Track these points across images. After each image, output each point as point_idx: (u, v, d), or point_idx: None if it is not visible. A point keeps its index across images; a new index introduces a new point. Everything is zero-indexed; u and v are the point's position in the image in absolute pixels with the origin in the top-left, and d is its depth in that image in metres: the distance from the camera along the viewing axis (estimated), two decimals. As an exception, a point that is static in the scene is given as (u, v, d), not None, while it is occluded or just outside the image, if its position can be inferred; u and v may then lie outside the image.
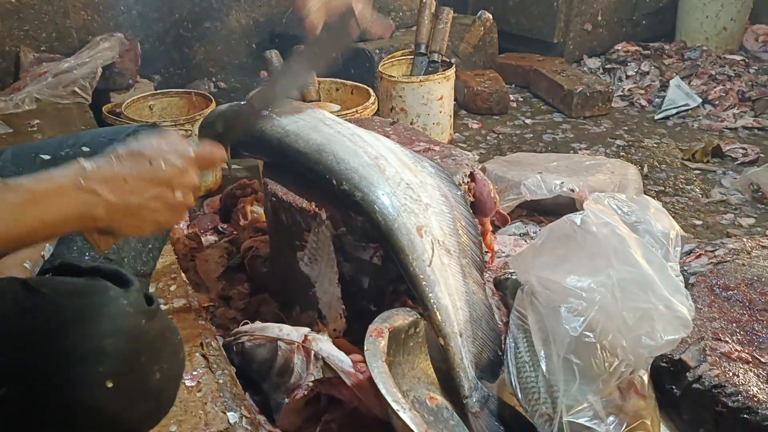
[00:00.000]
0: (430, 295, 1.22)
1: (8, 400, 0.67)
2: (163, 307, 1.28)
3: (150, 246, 1.70)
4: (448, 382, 1.25)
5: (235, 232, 1.89)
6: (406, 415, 1.00)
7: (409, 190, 1.29)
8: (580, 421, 1.06)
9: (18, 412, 0.68)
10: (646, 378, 1.10)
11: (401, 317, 1.23)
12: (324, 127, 1.42)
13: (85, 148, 1.34)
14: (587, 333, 1.09)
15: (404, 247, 1.24)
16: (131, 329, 0.73)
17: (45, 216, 0.75)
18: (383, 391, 1.04)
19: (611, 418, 1.06)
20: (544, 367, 1.12)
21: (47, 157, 1.30)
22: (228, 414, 1.02)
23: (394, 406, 1.01)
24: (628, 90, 3.31)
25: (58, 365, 0.68)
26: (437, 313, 1.22)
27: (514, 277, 1.48)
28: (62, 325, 0.70)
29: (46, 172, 0.79)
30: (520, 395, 1.15)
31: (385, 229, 1.25)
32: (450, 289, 1.25)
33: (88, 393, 0.69)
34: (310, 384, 1.25)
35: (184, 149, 0.90)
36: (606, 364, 1.08)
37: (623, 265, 1.14)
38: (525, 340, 1.20)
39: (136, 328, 0.73)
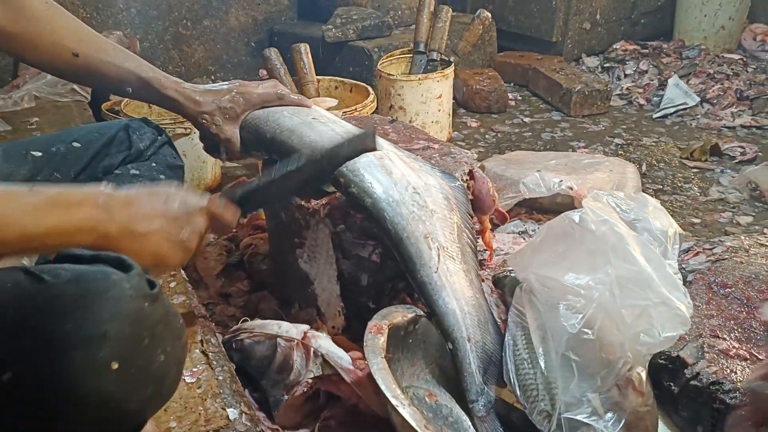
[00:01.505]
0: (439, 301, 1.22)
1: (12, 385, 0.67)
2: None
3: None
4: (448, 379, 1.25)
5: (234, 230, 1.89)
6: (406, 411, 1.01)
7: (416, 195, 1.28)
8: (579, 417, 1.06)
9: (22, 398, 0.68)
10: (644, 375, 1.11)
11: (400, 314, 1.23)
12: (319, 125, 1.39)
13: (75, 144, 1.35)
14: (586, 330, 1.09)
15: (412, 255, 1.23)
16: (134, 313, 0.73)
17: (62, 222, 0.82)
18: (383, 387, 1.04)
19: (609, 415, 1.06)
20: (542, 365, 1.13)
21: (38, 153, 1.31)
22: (228, 410, 1.02)
23: (394, 401, 1.02)
24: (627, 89, 3.32)
25: (60, 350, 0.68)
26: (446, 318, 1.21)
27: (512, 274, 1.48)
28: (64, 310, 0.70)
29: (70, 186, 0.92)
30: (518, 392, 1.15)
31: (395, 238, 1.24)
32: (457, 294, 1.24)
33: (91, 377, 0.69)
34: (309, 381, 1.26)
35: (199, 198, 1.01)
36: (604, 361, 1.09)
37: (622, 262, 1.14)
38: (523, 337, 1.20)
39: (139, 311, 0.73)
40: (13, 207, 0.79)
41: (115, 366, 0.70)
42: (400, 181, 1.29)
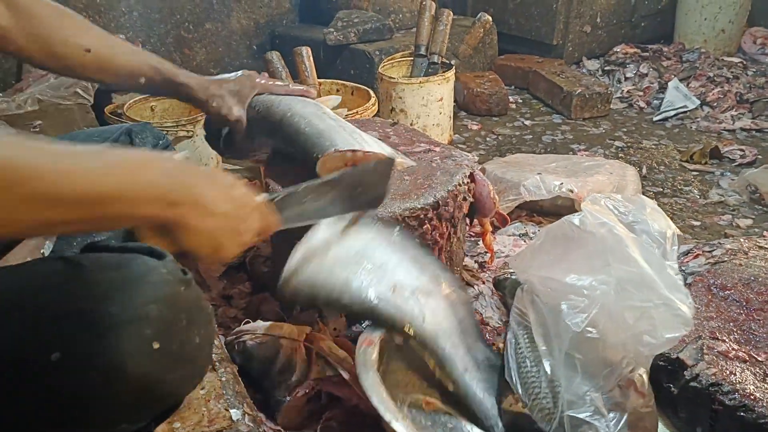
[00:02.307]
0: (433, 348, 1.19)
1: (60, 364, 0.69)
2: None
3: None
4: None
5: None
6: (400, 425, 1.00)
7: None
8: (581, 416, 1.07)
9: (69, 376, 0.70)
10: (645, 376, 1.11)
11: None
12: (328, 119, 1.41)
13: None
14: (590, 329, 1.10)
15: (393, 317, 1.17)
16: (172, 295, 0.76)
17: (129, 183, 0.70)
18: (375, 402, 1.04)
19: (611, 415, 1.07)
20: (545, 363, 1.13)
21: None
22: (231, 411, 1.03)
23: (387, 417, 1.02)
24: (627, 92, 3.33)
25: (106, 331, 0.71)
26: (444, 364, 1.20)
27: (513, 276, 1.49)
28: (106, 294, 0.73)
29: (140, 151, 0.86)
30: (520, 390, 1.16)
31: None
32: (446, 333, 1.20)
33: (136, 356, 0.72)
34: (311, 382, 1.27)
35: (256, 194, 0.93)
36: (607, 361, 1.09)
37: (622, 264, 1.15)
38: (526, 336, 1.21)
39: (177, 294, 0.77)
40: (72, 161, 0.67)
41: (156, 345, 0.73)
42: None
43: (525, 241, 1.86)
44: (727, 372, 1.20)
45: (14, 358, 0.71)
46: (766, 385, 1.17)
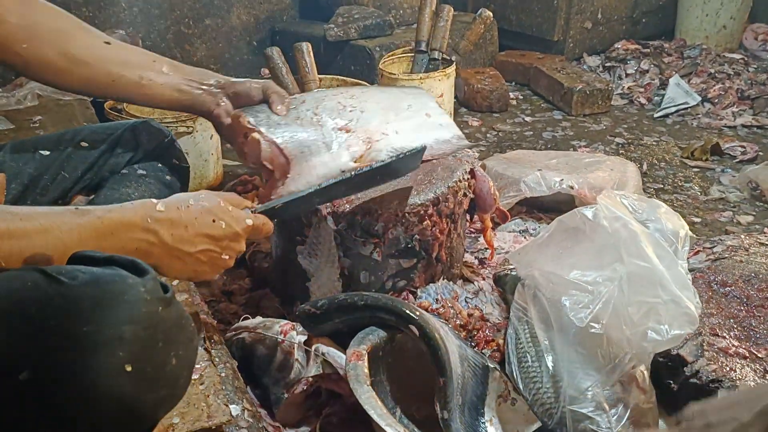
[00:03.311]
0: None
1: (29, 384, 0.68)
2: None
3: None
4: (431, 390, 1.24)
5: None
6: None
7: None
8: (583, 410, 1.07)
9: (38, 397, 0.69)
10: (647, 372, 1.11)
11: (375, 335, 1.21)
12: None
13: (83, 143, 1.36)
14: (593, 324, 1.10)
15: None
16: (149, 316, 0.74)
17: (108, 244, 0.85)
18: (374, 416, 1.04)
19: (613, 411, 1.07)
20: (547, 358, 1.13)
21: (46, 152, 1.32)
22: (230, 407, 1.03)
23: (389, 430, 1.02)
24: (628, 88, 3.32)
25: (77, 351, 0.69)
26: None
27: (513, 273, 1.49)
28: (81, 312, 0.71)
29: (118, 205, 0.92)
30: (521, 385, 1.16)
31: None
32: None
33: (108, 378, 0.70)
34: (310, 379, 1.26)
35: (245, 218, 1.04)
36: (610, 357, 1.09)
37: (634, 258, 1.14)
38: (527, 331, 1.21)
39: (154, 315, 0.75)
40: (71, 233, 0.82)
41: (129, 368, 0.71)
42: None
43: (525, 238, 1.86)
44: (728, 368, 1.20)
45: None
46: (766, 382, 1.17)
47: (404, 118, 1.47)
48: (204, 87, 1.31)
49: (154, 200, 0.94)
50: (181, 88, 1.29)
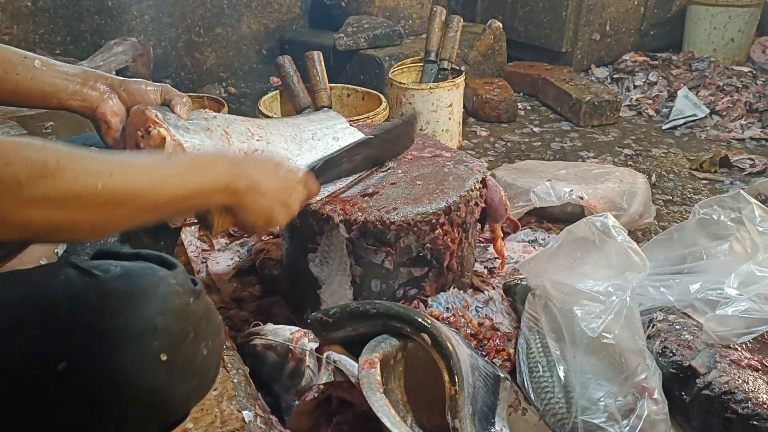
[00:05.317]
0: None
1: (67, 375, 0.69)
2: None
3: (162, 243, 1.73)
4: (442, 400, 1.23)
5: (246, 235, 1.90)
6: None
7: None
8: (595, 421, 1.06)
9: (75, 387, 0.70)
10: (659, 383, 1.11)
11: (387, 344, 1.21)
12: None
13: (94, 149, 1.36)
14: (605, 334, 1.10)
15: None
16: (181, 308, 0.76)
17: (203, 180, 0.88)
18: (387, 424, 1.03)
19: (625, 421, 1.06)
20: (559, 368, 1.13)
21: None
22: (243, 413, 1.03)
23: None
24: (636, 100, 3.33)
25: (114, 343, 0.71)
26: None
27: (523, 282, 1.49)
28: (117, 305, 0.72)
29: (200, 152, 0.99)
30: (532, 395, 1.16)
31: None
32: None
33: (142, 369, 0.72)
34: (321, 386, 1.26)
35: (297, 170, 1.14)
36: (622, 367, 1.09)
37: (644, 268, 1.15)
38: (538, 341, 1.21)
39: (185, 307, 0.76)
40: (161, 173, 0.82)
41: (164, 358, 0.73)
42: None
43: (534, 248, 1.86)
44: (740, 380, 1.20)
45: (23, 366, 0.70)
46: (779, 394, 1.17)
47: (308, 149, 1.46)
48: (88, 83, 1.14)
49: (233, 148, 1.02)
50: (56, 84, 1.11)
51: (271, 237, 1.80)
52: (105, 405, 0.72)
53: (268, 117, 1.59)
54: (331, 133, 1.52)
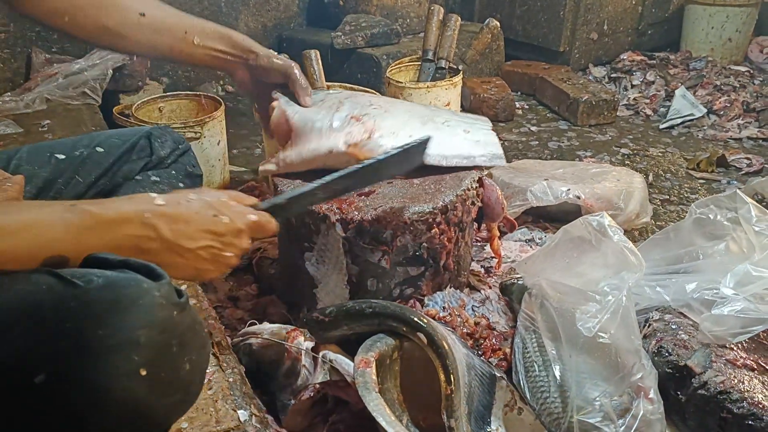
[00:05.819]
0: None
1: (45, 387, 0.68)
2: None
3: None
4: (438, 399, 1.23)
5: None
6: None
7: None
8: (591, 421, 1.06)
9: (53, 399, 0.69)
10: (655, 383, 1.11)
11: (383, 343, 1.21)
12: None
13: (98, 149, 1.36)
14: (602, 334, 1.10)
15: None
16: (164, 321, 0.74)
17: (103, 240, 0.82)
18: (383, 423, 1.03)
19: (621, 421, 1.06)
20: (555, 367, 1.13)
21: (62, 156, 1.33)
22: (239, 412, 1.03)
23: None
24: (634, 99, 3.33)
25: (92, 355, 0.69)
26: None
27: (519, 282, 1.49)
28: (97, 316, 0.71)
29: (116, 199, 0.88)
30: (528, 394, 1.16)
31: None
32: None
33: (122, 382, 0.70)
34: (317, 385, 1.26)
35: (248, 214, 0.99)
36: (618, 367, 1.09)
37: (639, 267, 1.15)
38: (534, 340, 1.21)
39: (169, 319, 0.74)
40: (56, 229, 0.79)
41: (144, 372, 0.71)
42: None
43: (531, 247, 1.86)
44: (736, 380, 1.20)
45: (2, 373, 0.69)
46: (774, 394, 1.17)
47: (431, 129, 1.45)
48: (230, 56, 1.41)
49: (153, 194, 0.89)
50: (207, 62, 1.40)
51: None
52: (83, 418, 0.70)
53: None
54: (464, 126, 1.53)
